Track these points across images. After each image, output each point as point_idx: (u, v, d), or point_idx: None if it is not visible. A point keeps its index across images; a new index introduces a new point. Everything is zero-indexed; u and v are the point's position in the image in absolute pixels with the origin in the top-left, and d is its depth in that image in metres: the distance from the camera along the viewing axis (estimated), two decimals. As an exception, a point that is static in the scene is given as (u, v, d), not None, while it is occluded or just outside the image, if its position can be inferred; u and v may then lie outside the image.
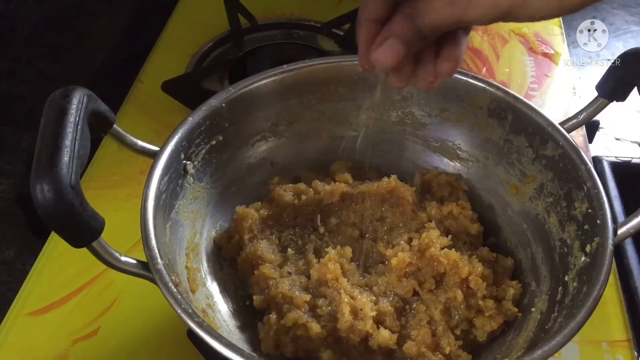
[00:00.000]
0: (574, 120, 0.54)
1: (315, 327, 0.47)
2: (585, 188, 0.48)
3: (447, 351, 0.47)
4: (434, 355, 0.47)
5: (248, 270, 0.54)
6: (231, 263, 0.55)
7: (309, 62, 0.58)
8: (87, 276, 0.59)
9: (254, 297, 0.52)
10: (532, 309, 0.49)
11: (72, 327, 0.56)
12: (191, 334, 0.53)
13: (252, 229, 0.55)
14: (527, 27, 0.93)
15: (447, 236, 0.53)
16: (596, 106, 0.53)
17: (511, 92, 0.55)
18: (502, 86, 0.56)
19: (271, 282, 0.51)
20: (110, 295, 0.58)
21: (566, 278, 0.47)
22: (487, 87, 0.56)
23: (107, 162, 0.70)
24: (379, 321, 0.49)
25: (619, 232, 0.45)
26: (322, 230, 0.57)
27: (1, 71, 0.69)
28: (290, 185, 0.58)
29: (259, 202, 0.58)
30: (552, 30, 0.92)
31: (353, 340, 0.47)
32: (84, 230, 0.36)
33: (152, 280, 0.42)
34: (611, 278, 0.54)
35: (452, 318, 0.49)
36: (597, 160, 0.75)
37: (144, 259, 0.42)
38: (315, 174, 0.61)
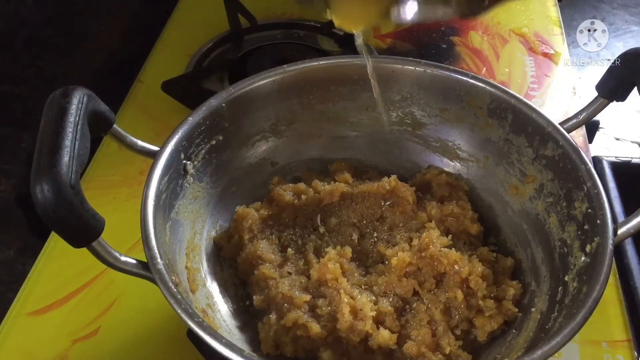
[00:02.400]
0: (574, 120, 0.53)
1: (315, 327, 0.47)
2: (585, 188, 0.48)
3: (447, 351, 0.47)
4: (434, 355, 0.47)
5: (248, 270, 0.54)
6: (231, 263, 0.55)
7: (309, 62, 0.58)
8: (87, 276, 0.59)
9: (254, 297, 0.52)
10: (532, 309, 0.49)
11: (72, 327, 0.56)
12: (191, 334, 0.53)
13: (252, 229, 0.55)
14: (527, 27, 0.93)
15: (447, 236, 0.53)
16: (596, 106, 0.52)
17: (511, 92, 0.55)
18: (502, 86, 0.56)
19: (271, 282, 0.51)
20: (110, 295, 0.58)
21: (566, 278, 0.47)
22: (487, 87, 0.56)
23: (107, 162, 0.70)
24: (378, 321, 0.49)
25: (619, 232, 0.45)
26: (322, 230, 0.57)
27: (1, 71, 0.70)
28: (290, 185, 0.58)
29: (259, 202, 0.58)
30: (552, 30, 0.92)
31: (353, 340, 0.47)
32: (84, 230, 0.36)
33: (152, 280, 0.42)
34: (611, 278, 0.54)
35: (452, 318, 0.49)
36: (597, 160, 0.74)
37: (144, 259, 0.42)
38: (315, 174, 0.61)
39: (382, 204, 0.57)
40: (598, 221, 0.46)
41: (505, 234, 0.57)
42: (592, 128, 0.77)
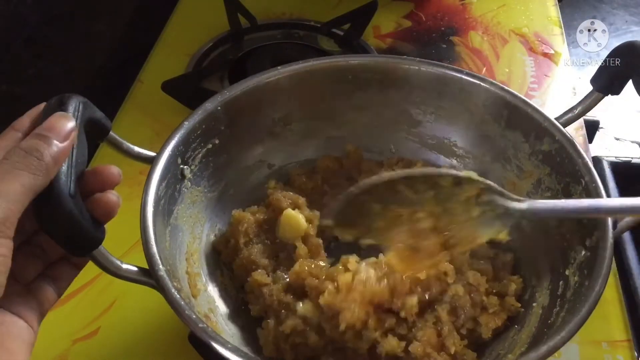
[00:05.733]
0: (570, 115, 0.54)
1: (313, 336, 0.47)
2: (583, 182, 0.48)
3: (452, 351, 0.47)
4: (439, 356, 0.47)
5: (243, 275, 0.53)
6: (231, 267, 0.55)
7: (304, 63, 0.58)
8: (87, 276, 0.59)
9: (250, 307, 0.52)
10: (534, 304, 0.49)
11: (72, 327, 0.56)
12: (193, 338, 0.53)
13: (248, 233, 0.54)
14: (527, 27, 0.93)
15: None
16: (591, 100, 0.52)
17: (506, 88, 0.55)
18: (497, 82, 0.56)
19: (265, 290, 0.51)
20: (110, 295, 0.58)
21: (567, 272, 0.47)
22: (482, 84, 0.56)
23: (106, 162, 0.69)
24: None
25: (619, 224, 0.45)
26: None
27: (1, 71, 0.69)
28: (289, 193, 0.57)
29: (256, 207, 0.57)
30: (552, 30, 0.92)
31: (362, 348, 0.47)
32: (84, 240, 0.36)
33: (154, 287, 0.42)
34: (611, 278, 0.54)
35: (458, 318, 0.49)
36: (597, 160, 0.74)
37: (143, 261, 0.42)
38: (304, 172, 0.61)
39: None
40: None
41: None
42: (592, 128, 0.77)
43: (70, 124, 0.35)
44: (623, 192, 0.70)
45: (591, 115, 0.55)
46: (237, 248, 0.54)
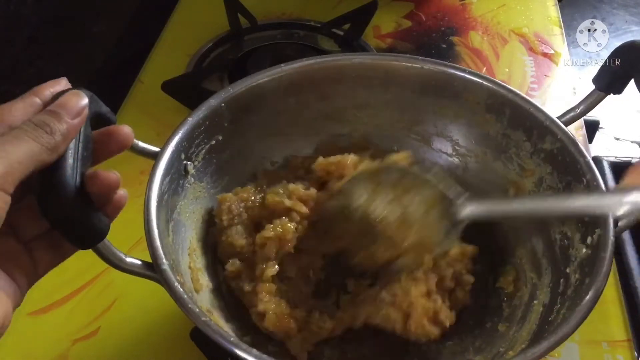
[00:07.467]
0: (572, 114, 0.54)
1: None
2: (585, 180, 0.48)
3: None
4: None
5: (225, 261, 0.53)
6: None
7: (307, 61, 0.58)
8: (87, 276, 0.59)
9: (226, 266, 0.51)
10: (534, 302, 0.49)
11: (72, 327, 0.56)
12: (195, 334, 0.53)
13: (231, 210, 0.53)
14: (527, 27, 0.93)
15: None
16: (593, 99, 0.52)
17: (508, 87, 0.55)
18: (499, 81, 0.56)
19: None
20: (110, 295, 0.58)
21: (568, 270, 0.47)
22: (485, 83, 0.55)
23: (107, 162, 0.70)
24: None
25: (620, 223, 0.45)
26: None
27: (1, 71, 0.69)
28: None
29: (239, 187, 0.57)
30: (552, 30, 0.92)
31: None
32: (90, 232, 0.36)
33: (158, 281, 0.42)
34: (611, 278, 0.54)
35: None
36: (597, 160, 0.74)
37: (147, 258, 0.42)
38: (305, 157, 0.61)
39: None
40: None
41: (505, 228, 0.56)
42: (592, 128, 0.77)
43: (84, 101, 0.35)
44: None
45: (591, 115, 0.55)
46: (221, 228, 0.53)
